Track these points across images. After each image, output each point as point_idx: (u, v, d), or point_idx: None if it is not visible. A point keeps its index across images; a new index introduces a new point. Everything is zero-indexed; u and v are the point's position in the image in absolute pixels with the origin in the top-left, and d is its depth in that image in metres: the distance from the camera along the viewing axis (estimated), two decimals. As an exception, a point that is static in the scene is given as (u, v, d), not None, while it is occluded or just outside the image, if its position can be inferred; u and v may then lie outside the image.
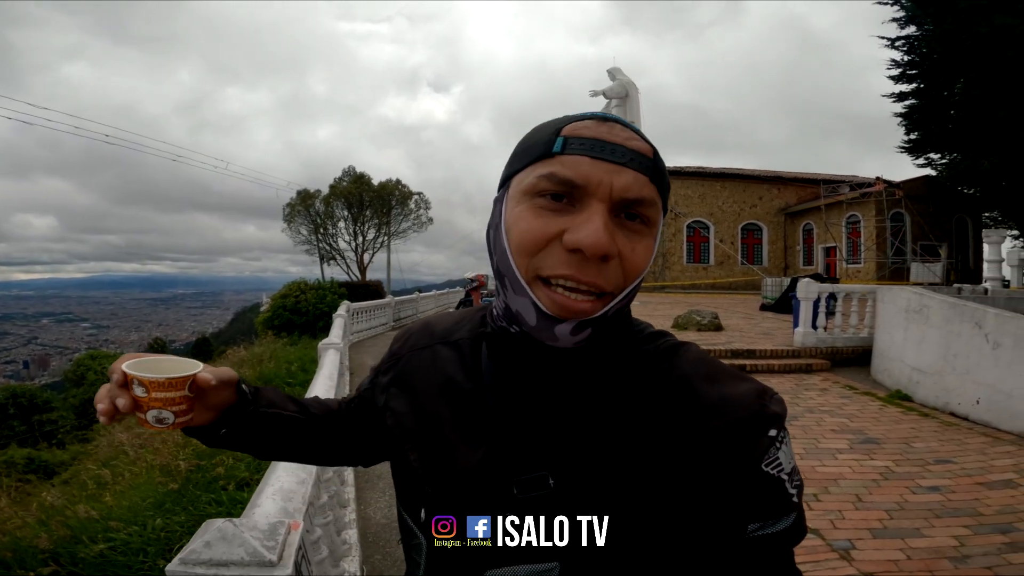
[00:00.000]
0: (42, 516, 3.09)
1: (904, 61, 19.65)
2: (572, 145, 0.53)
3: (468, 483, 0.59)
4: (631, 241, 0.53)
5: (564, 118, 0.57)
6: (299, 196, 29.65)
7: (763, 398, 0.55)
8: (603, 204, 0.51)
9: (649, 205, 0.53)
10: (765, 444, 0.53)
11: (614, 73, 25.75)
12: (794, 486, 0.55)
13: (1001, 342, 5.35)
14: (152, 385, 0.59)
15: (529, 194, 0.54)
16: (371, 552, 2.86)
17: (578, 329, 0.54)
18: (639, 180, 0.52)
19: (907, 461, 4.28)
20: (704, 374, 0.57)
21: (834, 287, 8.99)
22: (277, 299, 14.78)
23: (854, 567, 2.74)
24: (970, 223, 22.04)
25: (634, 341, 0.61)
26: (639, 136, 0.55)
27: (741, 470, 0.53)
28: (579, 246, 0.50)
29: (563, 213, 0.52)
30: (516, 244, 0.54)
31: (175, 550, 2.72)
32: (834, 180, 26.67)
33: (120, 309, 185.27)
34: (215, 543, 1.11)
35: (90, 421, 16.45)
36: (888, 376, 7.05)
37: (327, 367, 3.95)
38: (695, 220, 27.35)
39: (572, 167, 0.52)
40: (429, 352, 0.69)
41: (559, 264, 0.51)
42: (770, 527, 0.54)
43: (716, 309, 11.40)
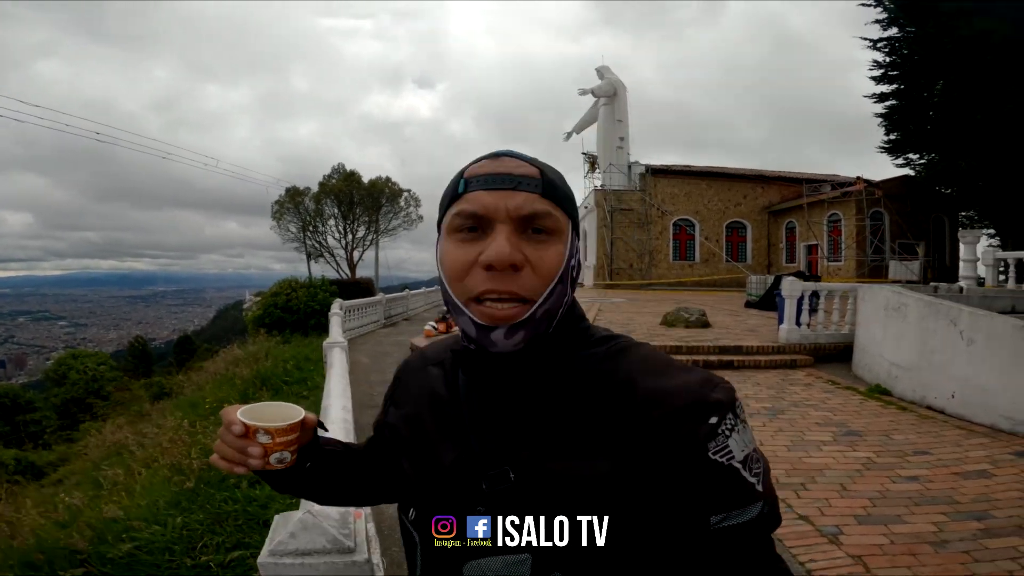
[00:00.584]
0: (66, 517, 3.14)
1: (885, 62, 19.87)
2: (471, 184, 0.62)
3: (444, 480, 0.65)
4: (538, 250, 0.60)
5: (469, 163, 0.66)
6: (288, 194, 29.37)
7: (706, 387, 0.58)
8: (505, 225, 0.60)
9: (545, 216, 0.61)
10: (706, 431, 0.55)
11: (603, 72, 25.86)
12: (753, 474, 0.57)
13: (974, 339, 5.50)
14: (277, 432, 0.66)
15: (450, 232, 0.63)
16: (389, 544, 2.96)
17: (511, 332, 0.60)
18: (529, 198, 0.60)
19: (887, 452, 4.40)
20: (647, 369, 0.61)
21: (817, 285, 9.10)
22: (268, 297, 14.72)
23: (842, 551, 2.86)
24: (947, 222, 22.36)
25: (584, 344, 0.66)
26: (528, 162, 0.64)
27: (687, 460, 0.55)
28: (489, 262, 0.58)
29: (477, 241, 0.60)
30: (447, 274, 0.63)
31: (198, 548, 2.81)
32: (816, 179, 27.05)
33: (98, 307, 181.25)
34: (299, 534, 1.24)
35: (73, 421, 16.21)
36: (868, 371, 7.19)
37: (337, 365, 4.05)
38: (681, 218, 27.55)
39: (473, 201, 0.61)
40: (422, 372, 0.77)
41: (481, 282, 0.59)
42: (735, 518, 0.56)
43: (702, 306, 11.51)
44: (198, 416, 5.85)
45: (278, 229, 29.83)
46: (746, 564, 0.57)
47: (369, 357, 9.84)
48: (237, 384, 7.37)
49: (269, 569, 1.22)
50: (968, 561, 2.75)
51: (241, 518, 3.03)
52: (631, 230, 26.63)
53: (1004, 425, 5.02)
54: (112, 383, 20.02)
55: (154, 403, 12.28)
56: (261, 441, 0.65)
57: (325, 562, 1.23)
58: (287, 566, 1.22)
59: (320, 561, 1.23)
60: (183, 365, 19.65)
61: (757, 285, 15.37)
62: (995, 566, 2.69)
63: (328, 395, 3.15)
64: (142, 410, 11.38)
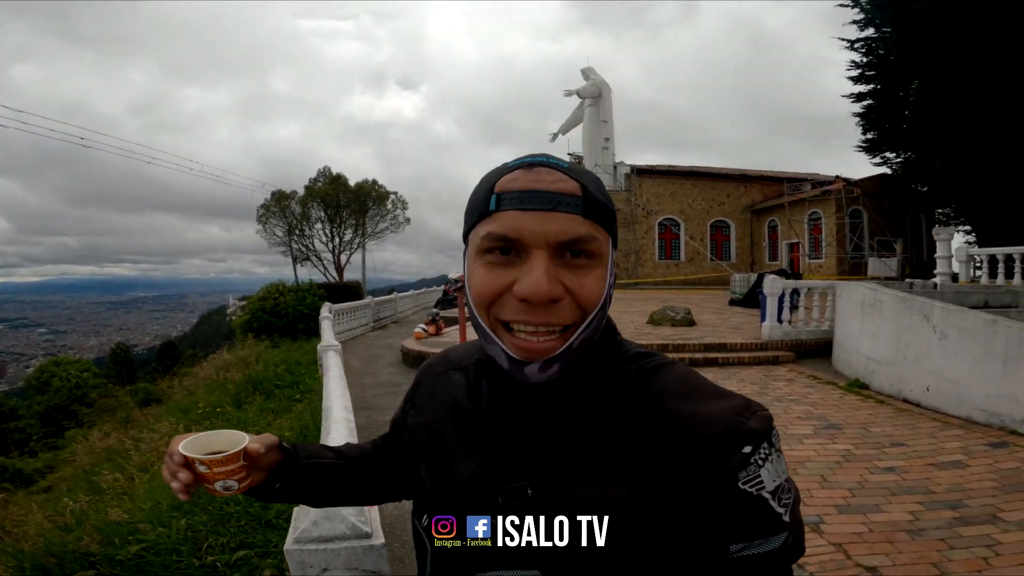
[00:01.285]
0: (71, 521, 3.18)
1: (863, 62, 20.09)
2: (504, 201, 0.55)
3: (461, 490, 0.63)
4: (579, 277, 0.55)
5: (500, 169, 0.60)
6: (274, 197, 29.18)
7: (742, 415, 0.55)
8: (543, 251, 0.54)
9: (588, 241, 0.55)
10: (737, 461, 0.52)
11: (588, 73, 26.02)
12: (782, 504, 0.54)
13: (947, 333, 5.65)
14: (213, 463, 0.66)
15: (480, 252, 0.57)
16: (390, 540, 3.06)
17: (546, 366, 0.56)
18: (571, 221, 0.55)
19: (865, 444, 4.51)
20: (681, 392, 0.58)
21: (797, 283, 9.25)
22: (255, 301, 14.64)
23: (824, 539, 2.95)
24: (923, 219, 22.77)
25: (615, 362, 0.63)
26: (568, 174, 0.57)
27: (715, 488, 0.52)
28: (524, 296, 0.53)
29: (511, 265, 0.55)
30: (475, 298, 0.58)
31: (204, 548, 2.88)
32: (797, 178, 27.46)
33: (78, 313, 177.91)
34: (320, 522, 1.34)
35: (58, 429, 15.99)
36: (847, 366, 7.33)
37: (334, 368, 4.11)
38: (666, 217, 27.80)
39: (507, 223, 0.55)
40: (444, 377, 0.75)
41: (514, 312, 0.55)
42: (756, 547, 0.53)
43: (688, 305, 11.65)
44: (191, 421, 5.88)
45: (264, 233, 29.63)
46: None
47: (360, 360, 9.87)
48: (229, 389, 7.38)
49: (295, 556, 1.31)
50: (943, 548, 2.84)
51: (243, 519, 3.09)
52: (617, 230, 26.81)
53: (978, 417, 5.16)
54: (96, 390, 19.78)
55: (141, 409, 12.18)
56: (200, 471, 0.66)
57: (346, 547, 1.32)
58: (312, 552, 1.31)
59: (341, 546, 1.32)
60: (168, 371, 19.46)
61: (741, 283, 15.54)
62: (970, 553, 2.78)
63: (328, 396, 3.22)
64: (129, 416, 11.29)
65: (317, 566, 1.31)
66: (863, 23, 19.62)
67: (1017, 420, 4.84)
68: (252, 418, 5.61)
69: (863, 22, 19.60)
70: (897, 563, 2.73)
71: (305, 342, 11.92)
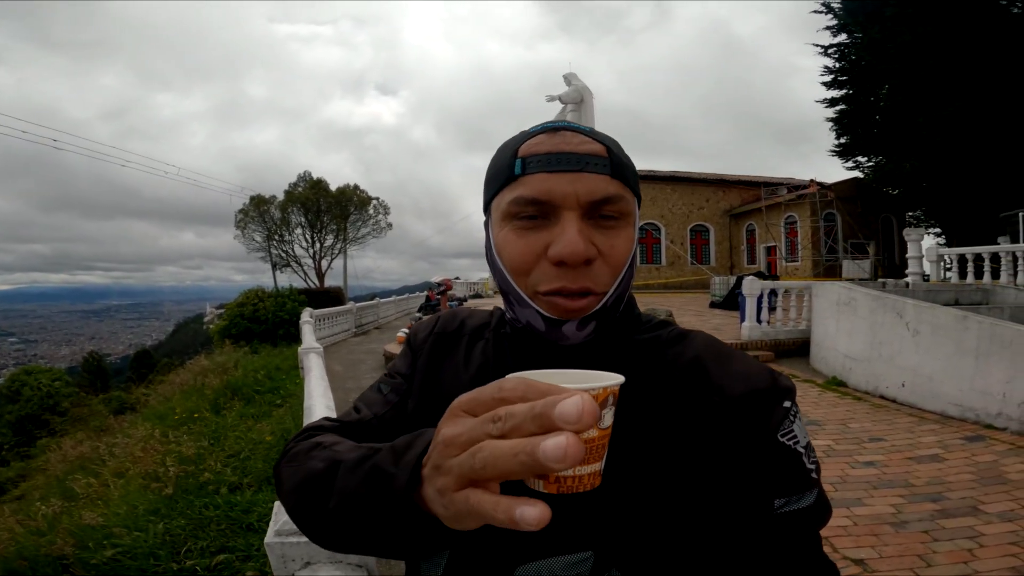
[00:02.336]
0: (43, 526, 3.09)
1: (835, 68, 20.44)
2: (531, 164, 0.55)
3: None
4: (609, 238, 0.55)
5: (521, 135, 0.59)
6: (253, 202, 28.80)
7: (774, 373, 0.57)
8: (573, 212, 0.54)
9: (617, 200, 0.55)
10: (781, 414, 0.54)
11: (570, 78, 26.21)
12: (811, 462, 0.55)
13: (920, 330, 5.79)
14: None
15: (507, 218, 0.56)
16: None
17: (583, 325, 0.56)
18: (600, 181, 0.54)
19: (845, 440, 4.62)
20: (716, 354, 0.59)
21: (775, 284, 9.37)
22: (234, 308, 14.42)
23: None
24: (895, 222, 23.16)
25: (643, 329, 0.63)
26: (592, 137, 0.57)
27: (760, 440, 0.53)
28: (561, 258, 0.52)
29: (542, 228, 0.55)
30: (510, 267, 0.56)
31: (183, 553, 2.83)
32: (773, 182, 27.90)
33: (49, 322, 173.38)
34: (302, 514, 1.32)
35: (29, 438, 15.57)
36: (825, 364, 7.46)
37: (316, 369, 4.07)
38: (647, 222, 27.99)
39: (535, 186, 0.54)
40: (462, 344, 0.69)
41: (550, 279, 0.54)
42: (795, 503, 0.53)
43: (669, 307, 11.83)
44: (168, 427, 5.76)
45: (242, 239, 29.23)
46: (802, 555, 0.53)
47: (342, 365, 9.77)
48: (207, 394, 7.25)
49: (276, 549, 1.29)
50: (928, 540, 2.90)
51: (224, 523, 3.04)
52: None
53: (953, 412, 5.28)
54: (68, 399, 19.33)
55: (115, 417, 11.91)
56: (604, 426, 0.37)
57: None
58: (293, 545, 1.28)
59: None
60: (142, 380, 19.06)
61: (721, 286, 15.72)
62: (954, 544, 2.84)
63: (310, 396, 3.19)
64: (102, 425, 11.03)
65: (299, 560, 1.29)
66: (836, 29, 19.98)
67: (991, 414, 4.96)
68: (232, 423, 5.51)
69: (836, 28, 19.95)
70: (883, 555, 2.77)
71: (286, 348, 11.78)
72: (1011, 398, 4.81)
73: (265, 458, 4.22)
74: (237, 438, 4.83)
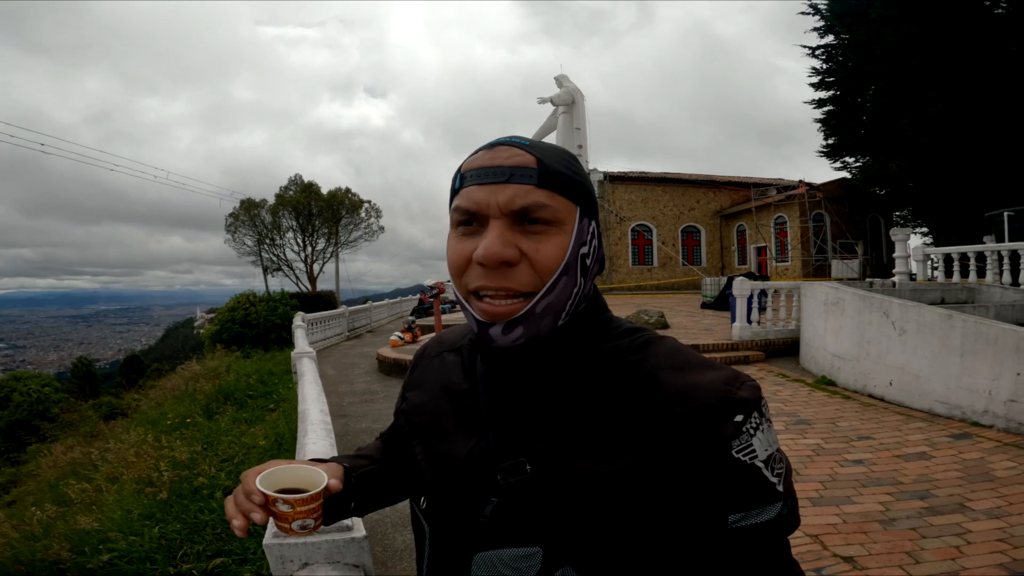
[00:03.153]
0: (39, 531, 3.08)
1: (823, 69, 20.60)
2: (467, 179, 0.61)
3: (459, 471, 0.63)
4: (535, 243, 0.58)
5: (469, 155, 0.64)
6: (243, 206, 28.65)
7: (732, 385, 0.56)
8: (498, 220, 0.58)
9: (540, 208, 0.58)
10: (731, 430, 0.54)
11: (561, 80, 26.25)
12: (775, 474, 0.55)
13: (906, 328, 5.85)
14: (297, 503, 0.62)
15: (453, 226, 0.62)
16: (372, 545, 3.03)
17: (508, 329, 0.59)
18: (521, 191, 0.58)
19: (834, 439, 4.65)
20: (672, 364, 0.59)
21: (765, 284, 9.44)
22: (225, 312, 14.34)
23: (800, 530, 3.00)
24: (882, 222, 23.40)
25: (606, 336, 0.64)
26: (525, 150, 0.60)
27: (708, 457, 0.53)
28: (479, 259, 0.57)
29: (475, 235, 0.59)
30: (449, 268, 0.62)
31: (179, 557, 2.83)
32: (763, 183, 28.10)
33: (37, 328, 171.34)
34: (300, 515, 1.34)
35: (19, 444, 15.42)
36: (814, 364, 7.53)
37: (309, 373, 4.08)
38: (639, 224, 28.13)
39: (467, 198, 0.60)
40: (439, 359, 0.77)
41: (477, 278, 0.59)
42: (753, 517, 0.54)
43: (661, 308, 11.88)
44: (161, 432, 5.73)
45: (233, 242, 29.09)
46: (761, 565, 0.55)
47: (335, 369, 9.77)
48: (199, 399, 7.22)
49: (275, 551, 1.30)
50: (916, 538, 2.92)
51: (219, 527, 3.05)
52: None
53: (940, 410, 5.35)
54: (58, 404, 19.16)
55: (106, 423, 11.82)
56: (280, 509, 0.62)
57: (327, 540, 1.30)
58: (290, 546, 1.30)
59: (322, 540, 1.30)
60: (132, 385, 18.90)
61: (712, 287, 15.82)
62: (942, 542, 2.86)
63: (304, 400, 3.19)
64: (93, 430, 10.94)
65: (298, 560, 1.30)
66: (823, 30, 20.15)
67: (978, 412, 5.02)
68: (225, 428, 5.50)
69: (823, 29, 20.12)
70: (872, 553, 2.80)
71: (278, 352, 11.73)
72: (997, 396, 4.88)
73: (259, 462, 4.21)
74: (231, 443, 4.83)
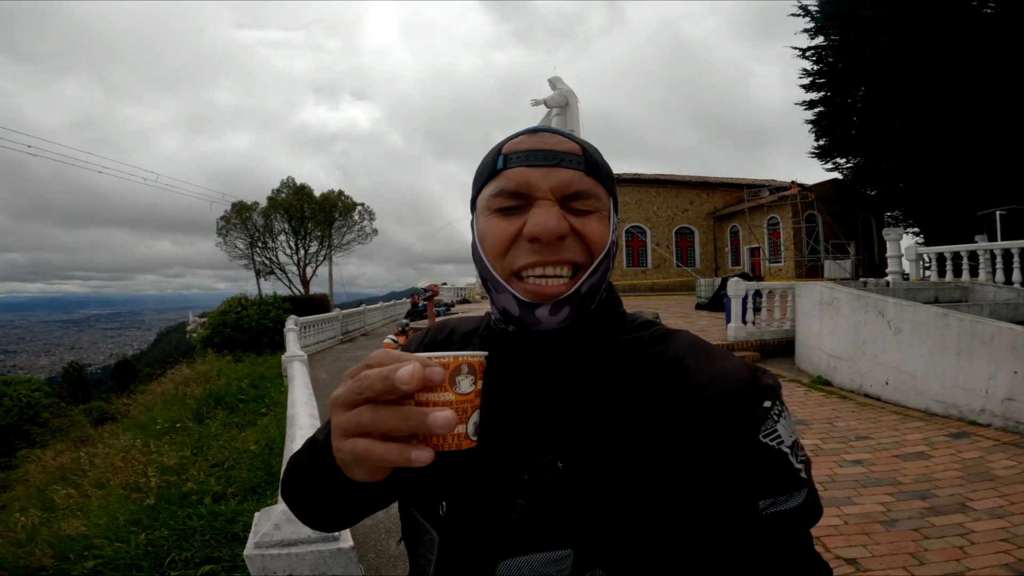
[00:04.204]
0: (22, 537, 3.01)
1: (813, 70, 20.71)
2: (512, 160, 0.59)
3: (482, 473, 0.59)
4: (582, 221, 0.58)
5: (505, 139, 0.63)
6: (235, 209, 28.49)
7: (756, 372, 0.57)
8: (548, 201, 0.57)
9: (589, 195, 0.59)
10: (761, 415, 0.54)
11: (555, 82, 26.22)
12: (800, 461, 0.55)
13: (901, 328, 5.83)
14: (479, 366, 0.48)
15: (490, 209, 0.60)
16: (364, 552, 2.96)
17: (556, 309, 0.57)
18: (573, 175, 0.58)
19: (832, 439, 4.62)
20: (697, 354, 0.59)
21: (759, 285, 9.45)
22: (216, 316, 14.23)
23: None
24: (874, 222, 23.63)
25: (626, 329, 0.64)
26: (568, 138, 0.61)
27: (739, 442, 0.53)
28: (534, 233, 0.55)
29: (521, 214, 0.58)
30: (489, 248, 0.60)
31: (166, 564, 2.76)
32: (756, 184, 28.30)
33: (27, 333, 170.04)
34: (283, 525, 1.27)
35: (9, 449, 15.24)
36: (810, 364, 7.52)
37: (299, 376, 4.02)
38: (633, 225, 28.22)
39: (514, 178, 0.58)
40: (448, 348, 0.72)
41: (525, 255, 0.57)
42: (782, 504, 0.53)
43: (656, 310, 11.87)
44: (150, 436, 5.64)
45: (224, 246, 28.95)
46: (791, 555, 0.54)
47: (328, 373, 9.70)
48: (189, 404, 7.12)
49: (256, 561, 1.24)
50: (919, 539, 2.89)
51: (208, 533, 2.98)
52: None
53: (937, 409, 5.32)
54: (48, 409, 19.00)
55: (96, 428, 11.69)
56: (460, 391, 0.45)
57: (312, 551, 1.24)
58: (273, 557, 1.24)
59: (307, 550, 1.24)
60: (124, 390, 18.74)
61: (706, 288, 15.86)
62: (945, 542, 2.83)
63: (293, 404, 3.13)
64: (83, 435, 10.82)
65: (281, 572, 1.24)
66: (814, 31, 20.26)
67: (975, 410, 5.00)
68: (215, 433, 5.41)
69: (814, 30, 20.24)
70: (875, 554, 2.76)
71: (270, 356, 11.63)
72: (993, 394, 4.87)
73: (250, 467, 4.14)
74: (221, 447, 4.75)
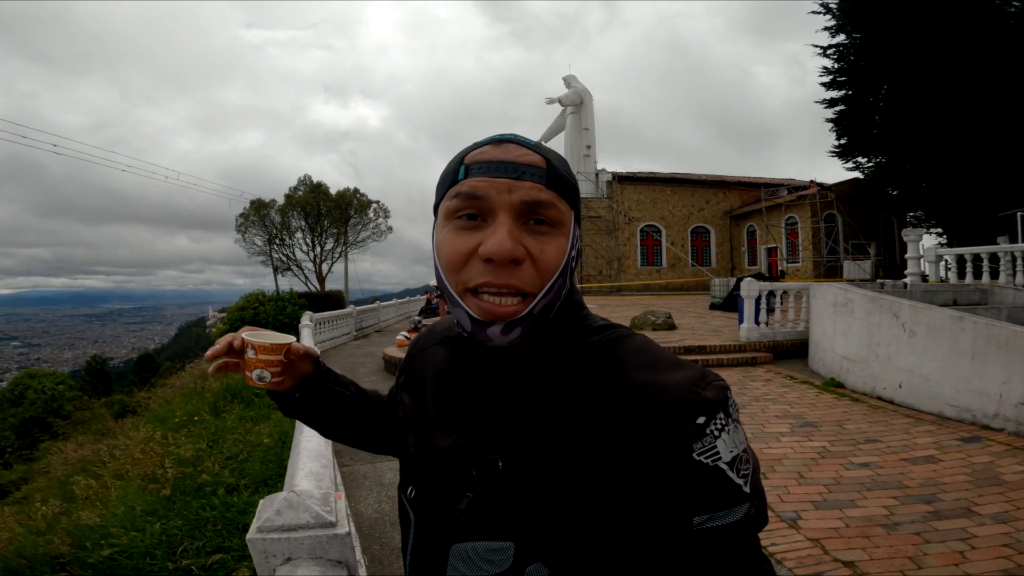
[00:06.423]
0: (42, 526, 3.12)
1: (834, 68, 20.50)
2: (473, 170, 0.59)
3: (441, 464, 0.65)
4: (540, 243, 0.58)
5: (468, 147, 0.63)
6: (253, 206, 28.91)
7: (697, 385, 0.55)
8: (507, 214, 0.57)
9: (548, 207, 0.58)
10: (693, 431, 0.53)
11: (569, 81, 26.20)
12: (741, 475, 0.55)
13: (916, 330, 5.77)
14: (260, 349, 0.74)
15: (449, 218, 0.60)
16: (369, 543, 3.03)
17: (507, 329, 0.58)
18: (533, 188, 0.57)
19: (841, 441, 4.59)
20: (639, 362, 0.59)
21: (773, 285, 9.38)
22: (234, 311, 14.50)
23: (801, 534, 3.01)
24: (895, 222, 23.17)
25: (581, 334, 0.64)
26: (532, 150, 0.60)
27: (671, 458, 0.53)
28: (489, 255, 0.55)
29: (477, 230, 0.58)
30: (445, 263, 0.59)
31: (179, 553, 2.85)
32: (773, 184, 27.94)
33: (51, 326, 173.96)
34: (284, 511, 1.33)
35: (32, 441, 15.67)
36: (823, 365, 7.44)
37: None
38: (647, 224, 28.10)
39: (474, 189, 0.58)
40: (430, 351, 0.77)
41: (479, 274, 0.57)
42: (719, 519, 0.54)
43: (669, 309, 11.83)
44: (168, 429, 5.78)
45: (243, 242, 29.36)
46: (729, 564, 0.55)
47: (342, 368, 9.79)
48: (207, 398, 7.27)
49: (258, 545, 1.30)
50: (919, 542, 2.88)
51: (220, 523, 3.07)
52: (599, 237, 27.06)
53: (950, 412, 5.26)
54: (71, 402, 19.47)
55: (117, 421, 11.97)
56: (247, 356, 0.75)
57: (310, 536, 1.30)
58: (274, 541, 1.30)
59: (305, 535, 1.30)
60: (145, 383, 19.17)
61: (720, 288, 15.75)
62: (945, 547, 2.82)
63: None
64: (104, 428, 11.09)
65: (280, 555, 1.30)
66: (834, 30, 20.04)
67: (988, 415, 4.94)
68: (231, 426, 5.53)
69: (834, 28, 20.01)
70: (874, 557, 2.76)
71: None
72: (1008, 399, 4.80)
73: (263, 460, 4.24)
74: (236, 440, 4.85)
